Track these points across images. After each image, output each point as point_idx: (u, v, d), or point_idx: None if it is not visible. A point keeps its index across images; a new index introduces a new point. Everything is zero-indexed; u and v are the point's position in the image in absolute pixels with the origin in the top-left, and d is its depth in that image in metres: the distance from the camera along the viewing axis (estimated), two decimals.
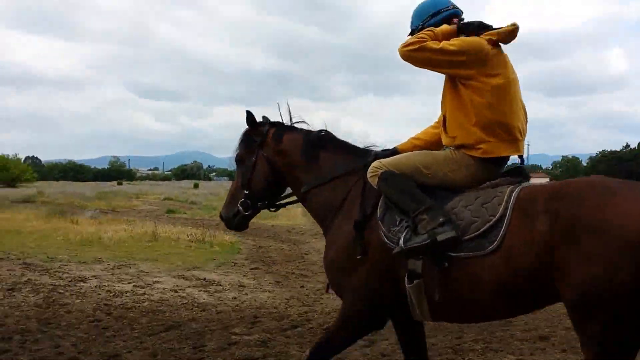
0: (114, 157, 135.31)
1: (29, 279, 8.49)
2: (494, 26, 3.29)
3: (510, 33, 3.24)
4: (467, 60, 3.11)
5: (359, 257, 3.18)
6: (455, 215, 3.02)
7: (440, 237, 2.90)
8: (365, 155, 3.56)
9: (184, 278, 8.99)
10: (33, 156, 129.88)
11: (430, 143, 3.56)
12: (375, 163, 3.31)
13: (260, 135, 3.74)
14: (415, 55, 3.15)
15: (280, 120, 3.84)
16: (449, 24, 3.31)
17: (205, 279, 8.96)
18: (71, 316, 6.44)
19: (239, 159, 3.80)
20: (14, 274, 8.97)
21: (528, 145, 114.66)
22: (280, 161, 3.69)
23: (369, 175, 3.29)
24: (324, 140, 3.68)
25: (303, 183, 3.66)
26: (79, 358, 5.04)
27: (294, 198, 3.84)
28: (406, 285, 3.07)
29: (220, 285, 8.50)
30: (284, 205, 3.89)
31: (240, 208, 3.71)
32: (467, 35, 3.22)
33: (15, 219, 18.50)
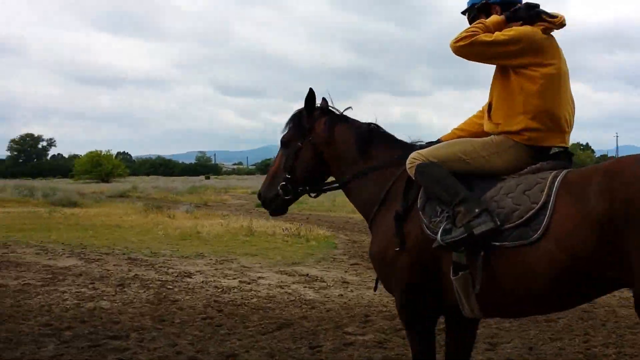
0: (200, 152, 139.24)
1: (136, 275, 8.68)
2: (541, 6, 3.19)
3: (560, 24, 3.16)
4: (520, 49, 3.04)
5: (397, 249, 3.11)
6: (496, 203, 2.93)
7: (477, 230, 2.82)
8: (410, 148, 3.46)
9: (286, 274, 8.91)
10: (124, 152, 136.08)
11: (474, 134, 3.45)
12: (413, 154, 3.24)
13: (310, 121, 3.66)
14: (468, 50, 3.09)
15: (331, 108, 3.74)
16: (515, 7, 3.22)
17: (307, 275, 8.83)
18: (183, 313, 6.44)
19: (285, 141, 3.71)
20: (121, 269, 9.22)
21: (617, 136, 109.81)
22: (327, 151, 3.62)
23: (407, 166, 3.23)
24: (373, 134, 3.60)
25: (347, 174, 3.60)
26: (197, 357, 4.98)
27: (335, 184, 3.76)
28: (452, 278, 2.96)
29: (324, 281, 8.31)
30: (325, 191, 3.81)
31: (281, 191, 3.63)
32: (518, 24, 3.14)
33: (114, 213, 19.33)
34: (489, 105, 3.28)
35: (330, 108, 3.74)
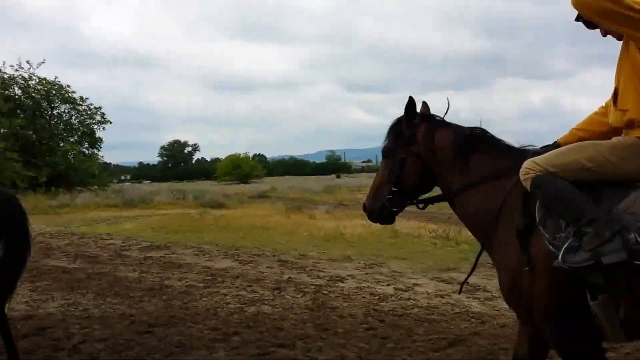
0: (330, 151, 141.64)
1: (289, 278, 8.68)
2: None
3: None
4: None
5: (525, 268, 2.75)
6: (632, 216, 2.58)
7: (606, 260, 2.50)
8: (522, 155, 3.11)
9: (443, 281, 8.46)
10: (260, 154, 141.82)
11: (597, 133, 3.09)
12: (527, 162, 2.91)
13: (411, 129, 3.42)
14: (590, 1, 2.69)
15: (431, 114, 3.51)
16: None
17: (467, 283, 8.31)
18: (345, 322, 6.25)
19: (387, 151, 3.53)
20: (273, 271, 9.29)
21: None
22: (430, 159, 3.39)
23: (521, 177, 2.90)
24: (477, 139, 3.30)
25: (453, 184, 3.30)
26: None
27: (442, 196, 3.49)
28: (589, 302, 2.64)
29: (488, 291, 7.68)
30: (432, 202, 3.54)
31: (387, 204, 3.47)
32: None
33: (258, 214, 19.89)
34: (615, 91, 2.93)
35: (431, 114, 3.51)
